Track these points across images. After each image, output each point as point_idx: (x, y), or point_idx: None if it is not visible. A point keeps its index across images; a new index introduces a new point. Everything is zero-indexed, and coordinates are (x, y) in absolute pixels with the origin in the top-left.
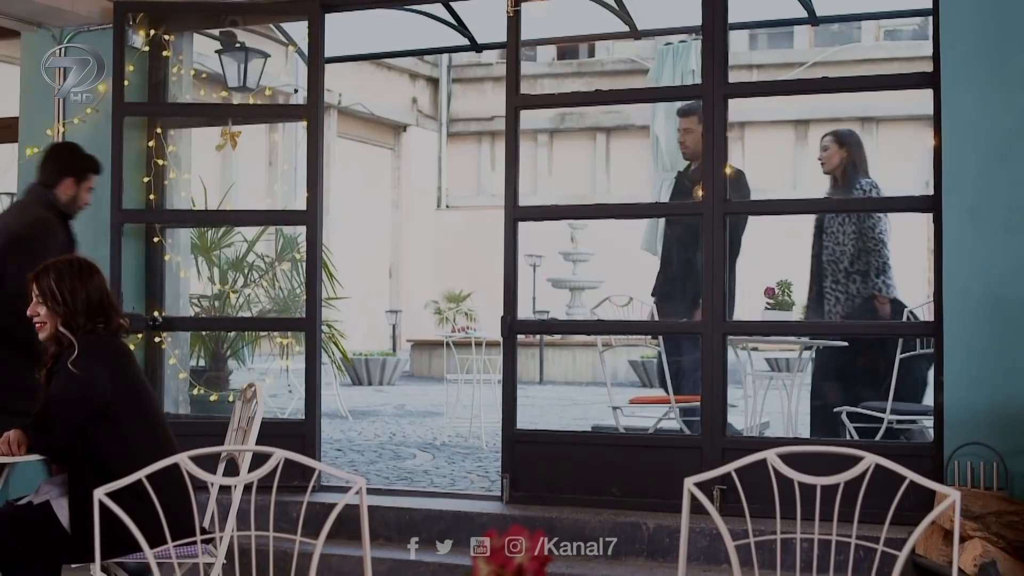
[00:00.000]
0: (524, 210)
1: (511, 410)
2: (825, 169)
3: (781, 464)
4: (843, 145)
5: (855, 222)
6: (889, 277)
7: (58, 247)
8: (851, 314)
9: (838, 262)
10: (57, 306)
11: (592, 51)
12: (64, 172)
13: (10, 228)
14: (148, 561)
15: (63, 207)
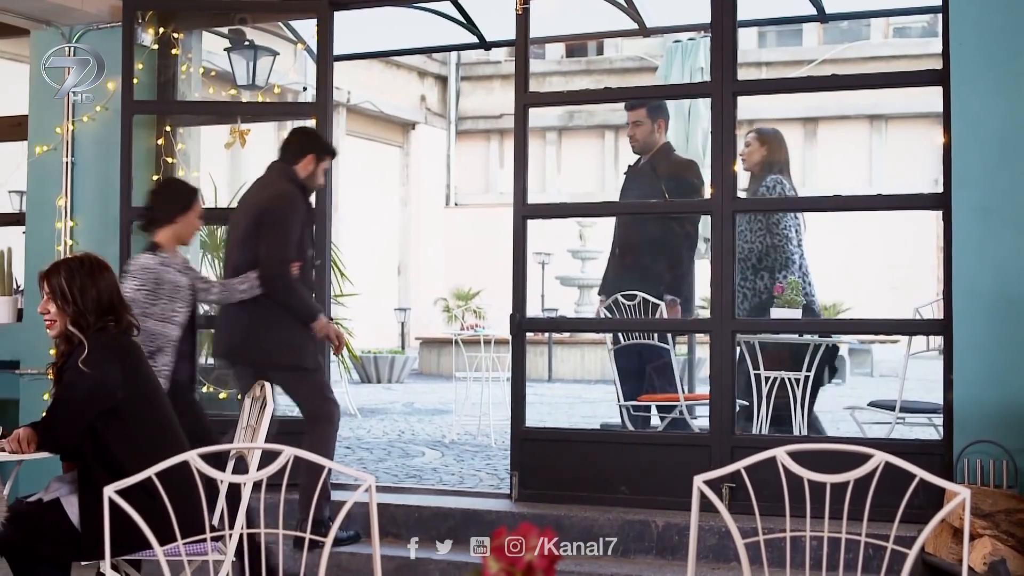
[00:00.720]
0: (533, 208)
1: (520, 408)
2: (745, 166)
3: (791, 462)
4: (764, 143)
5: (763, 218)
6: (792, 273)
7: (300, 218)
8: (755, 311)
9: (747, 259)
10: (67, 305)
11: (601, 49)
12: (306, 150)
13: (258, 203)
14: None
15: (302, 182)
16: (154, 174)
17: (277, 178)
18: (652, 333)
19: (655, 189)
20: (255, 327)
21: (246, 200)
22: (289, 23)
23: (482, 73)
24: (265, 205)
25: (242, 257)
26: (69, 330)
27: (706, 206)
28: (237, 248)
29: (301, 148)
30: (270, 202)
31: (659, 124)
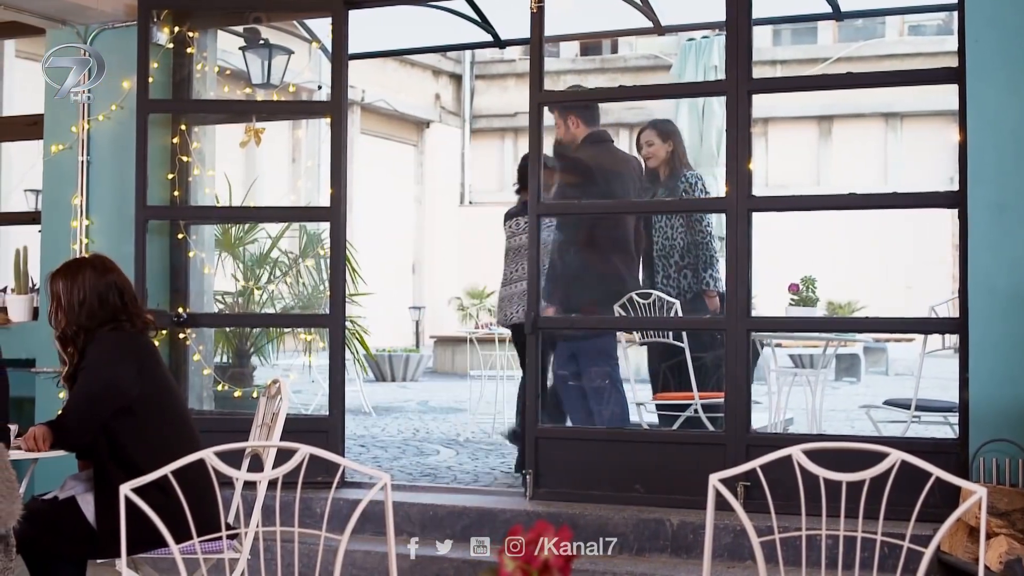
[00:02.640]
0: (547, 206)
1: (535, 406)
2: (651, 164)
3: (806, 460)
4: (667, 138)
5: (683, 215)
6: (717, 271)
7: None
8: (683, 310)
9: (668, 256)
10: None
11: (615, 47)
12: None
13: None
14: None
15: None
16: (169, 173)
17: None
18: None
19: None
20: None
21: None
22: (304, 22)
23: (496, 71)
24: None
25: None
26: (65, 332)
27: (721, 204)
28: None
29: None
30: None
31: (573, 121)
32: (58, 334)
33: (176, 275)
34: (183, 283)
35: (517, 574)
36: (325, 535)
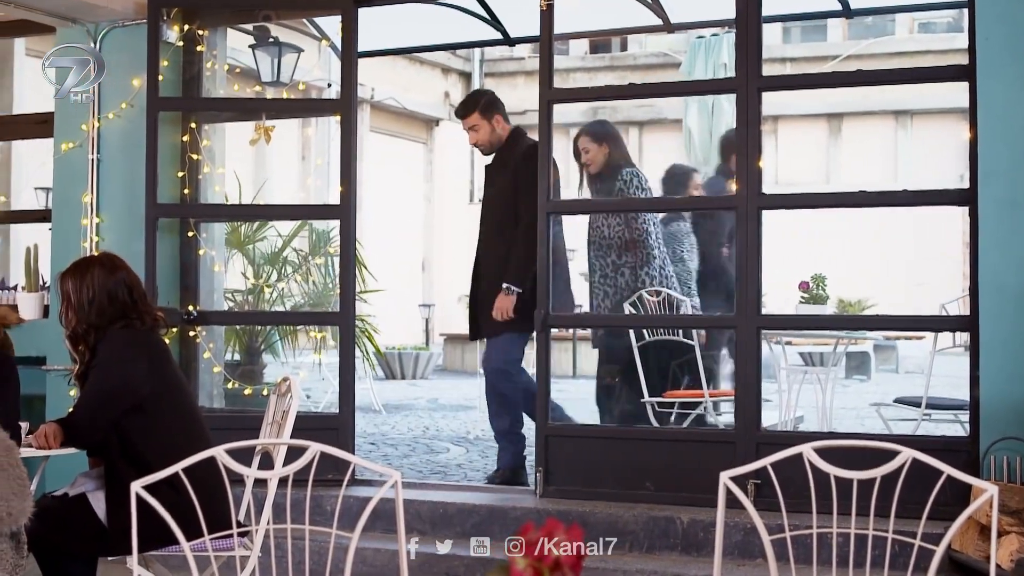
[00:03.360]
0: (558, 204)
1: (545, 404)
2: (592, 170)
3: (817, 458)
4: (602, 141)
5: (621, 213)
6: (653, 269)
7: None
8: (618, 308)
9: (606, 255)
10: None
11: (624, 45)
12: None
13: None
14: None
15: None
16: (179, 171)
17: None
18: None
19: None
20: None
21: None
22: (313, 19)
23: (506, 69)
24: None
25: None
26: (76, 331)
27: (731, 202)
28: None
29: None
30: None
31: (496, 119)
32: (68, 333)
33: (186, 273)
34: (193, 281)
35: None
36: (336, 532)
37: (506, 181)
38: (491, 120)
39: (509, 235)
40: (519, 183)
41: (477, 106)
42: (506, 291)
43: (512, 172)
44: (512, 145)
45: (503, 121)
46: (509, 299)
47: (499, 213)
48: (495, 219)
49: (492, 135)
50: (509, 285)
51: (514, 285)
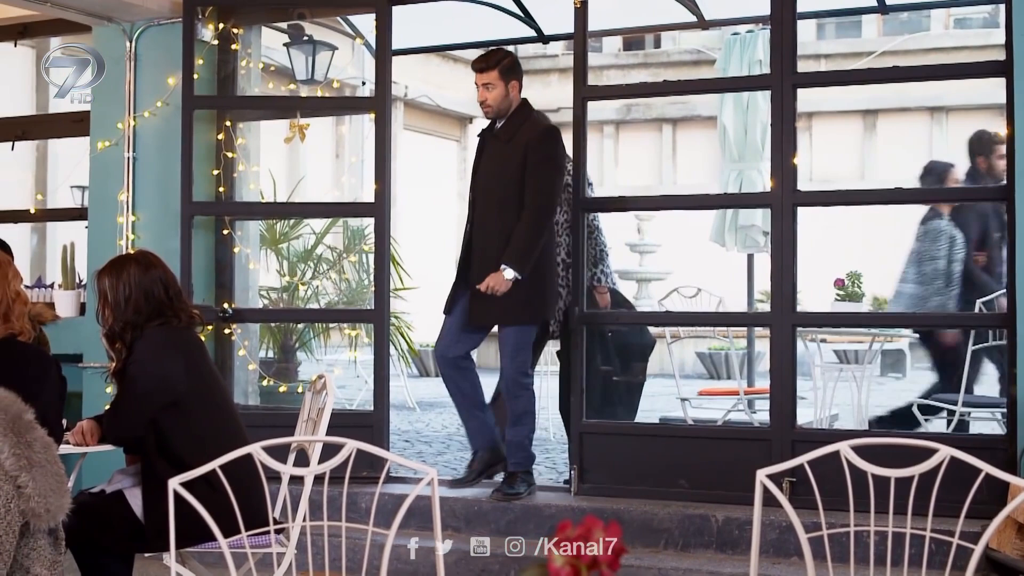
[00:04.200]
0: (591, 201)
1: (579, 402)
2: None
3: (855, 456)
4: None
5: (568, 211)
6: (607, 266)
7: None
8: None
9: (556, 254)
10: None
11: (658, 42)
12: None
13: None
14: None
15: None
16: (214, 169)
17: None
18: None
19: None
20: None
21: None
22: (347, 18)
23: (539, 67)
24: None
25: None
26: (113, 329)
27: (766, 199)
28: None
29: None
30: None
31: (513, 84)
32: (105, 331)
33: (221, 271)
34: (228, 279)
35: (567, 569)
36: (372, 529)
37: (513, 157)
38: (508, 83)
39: (511, 215)
40: (531, 163)
41: (498, 64)
42: (503, 270)
43: (523, 150)
44: (523, 119)
45: (518, 89)
46: (505, 282)
47: (501, 189)
48: (496, 196)
49: (504, 100)
50: (507, 266)
51: (514, 268)
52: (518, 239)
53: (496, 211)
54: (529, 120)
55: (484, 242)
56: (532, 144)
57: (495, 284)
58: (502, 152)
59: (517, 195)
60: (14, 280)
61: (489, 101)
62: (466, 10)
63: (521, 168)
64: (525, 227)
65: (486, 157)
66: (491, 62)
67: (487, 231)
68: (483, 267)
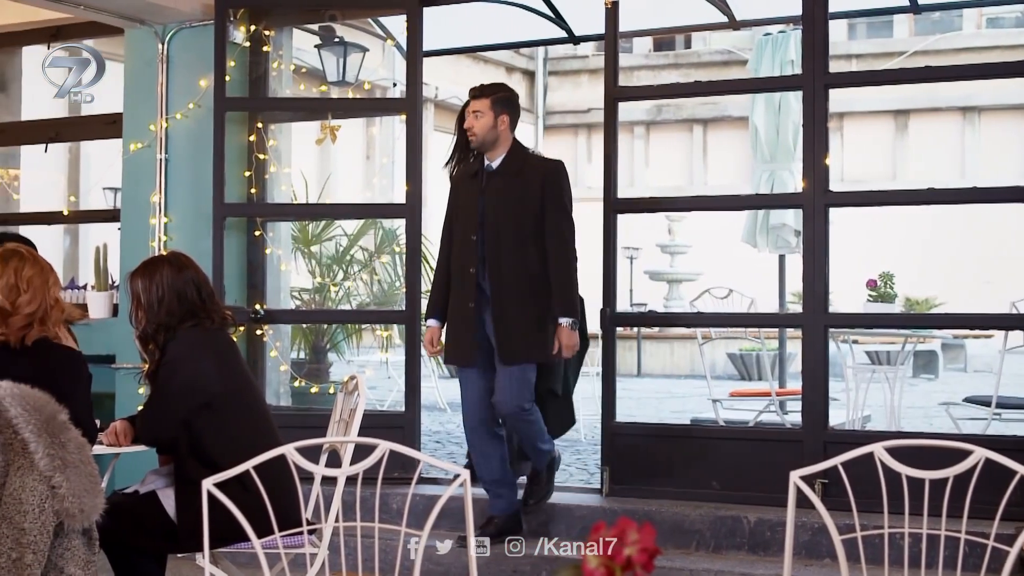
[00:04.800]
0: (623, 202)
1: (610, 403)
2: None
3: (888, 457)
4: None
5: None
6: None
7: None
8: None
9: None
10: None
11: (688, 42)
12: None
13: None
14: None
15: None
16: (246, 170)
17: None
18: None
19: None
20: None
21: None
22: (378, 19)
23: (569, 68)
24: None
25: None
26: (146, 330)
27: (798, 199)
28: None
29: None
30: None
31: (502, 119)
32: (139, 333)
33: (253, 272)
34: (260, 280)
35: (601, 570)
36: (405, 531)
37: (529, 190)
38: (498, 116)
39: (530, 250)
40: (551, 197)
41: (493, 94)
42: (571, 325)
43: (540, 182)
44: (525, 154)
45: (508, 125)
46: (573, 333)
47: (517, 223)
48: (511, 229)
49: (490, 131)
50: (564, 318)
51: (571, 315)
52: (562, 285)
53: (512, 245)
54: (533, 155)
55: (499, 279)
56: (551, 178)
57: (568, 342)
58: (512, 186)
59: (536, 229)
60: (54, 287)
61: (475, 129)
62: (497, 11)
63: (539, 201)
64: (564, 270)
65: (491, 192)
66: (486, 91)
67: (502, 267)
68: (503, 306)
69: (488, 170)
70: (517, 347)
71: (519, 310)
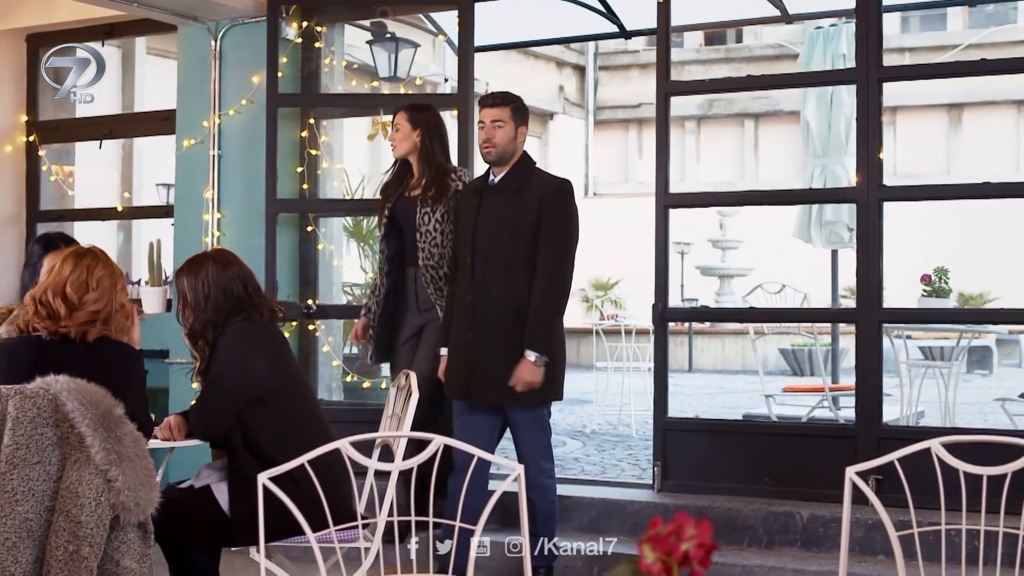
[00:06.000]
0: (675, 197)
1: (662, 398)
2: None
3: (946, 454)
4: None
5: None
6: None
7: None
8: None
9: (438, 267)
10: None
11: (740, 36)
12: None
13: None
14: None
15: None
16: (298, 166)
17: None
18: None
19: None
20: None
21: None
22: (429, 15)
23: (620, 63)
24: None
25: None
26: (194, 328)
27: (852, 194)
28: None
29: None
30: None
31: (522, 130)
32: (187, 331)
33: (305, 267)
34: (312, 275)
35: (657, 565)
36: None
37: (526, 212)
38: (518, 127)
39: (520, 277)
40: (546, 222)
41: (513, 103)
42: (536, 360)
43: (538, 204)
44: (530, 171)
45: (524, 138)
46: (538, 370)
47: (508, 247)
48: (501, 254)
49: (510, 143)
50: (532, 351)
51: (541, 353)
52: (538, 317)
53: (501, 272)
54: (538, 172)
55: (486, 308)
56: (548, 200)
57: (528, 378)
58: (509, 206)
59: (528, 255)
60: (121, 293)
61: (496, 140)
62: (547, 6)
63: (535, 225)
64: (544, 300)
65: (486, 211)
66: (507, 99)
67: (490, 295)
68: (488, 337)
69: (489, 185)
70: (491, 387)
71: (504, 344)
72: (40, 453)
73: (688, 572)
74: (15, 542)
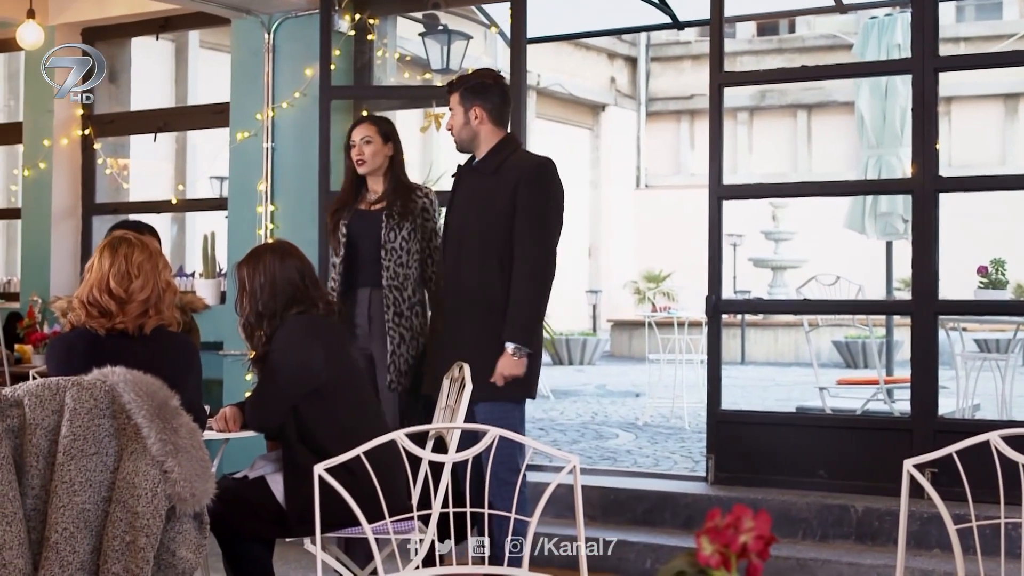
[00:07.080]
0: (728, 188)
1: (715, 390)
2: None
3: (1004, 446)
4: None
5: (422, 242)
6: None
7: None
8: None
9: (401, 288)
10: (253, 294)
11: (792, 27)
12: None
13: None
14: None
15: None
16: None
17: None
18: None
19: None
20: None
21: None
22: (482, 7)
23: (672, 54)
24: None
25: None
26: (250, 318)
27: (907, 185)
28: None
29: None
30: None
31: (475, 111)
32: (243, 321)
33: None
34: None
35: (716, 557)
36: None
37: (500, 194)
38: (468, 110)
39: (492, 266)
40: (523, 203)
41: (460, 86)
42: (516, 352)
43: (513, 186)
44: (510, 151)
45: (486, 119)
46: (519, 362)
47: (480, 233)
48: (473, 241)
49: (463, 128)
50: (511, 343)
51: (519, 343)
52: (519, 306)
53: (474, 259)
54: (518, 152)
55: (456, 299)
56: (524, 179)
57: (509, 371)
58: (484, 188)
59: (502, 241)
60: (164, 271)
61: (450, 127)
62: None
63: (510, 208)
64: (525, 288)
65: (461, 194)
66: (454, 85)
67: (460, 285)
68: (456, 331)
69: (467, 168)
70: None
71: (473, 338)
72: (97, 444)
73: (746, 564)
74: (73, 532)
